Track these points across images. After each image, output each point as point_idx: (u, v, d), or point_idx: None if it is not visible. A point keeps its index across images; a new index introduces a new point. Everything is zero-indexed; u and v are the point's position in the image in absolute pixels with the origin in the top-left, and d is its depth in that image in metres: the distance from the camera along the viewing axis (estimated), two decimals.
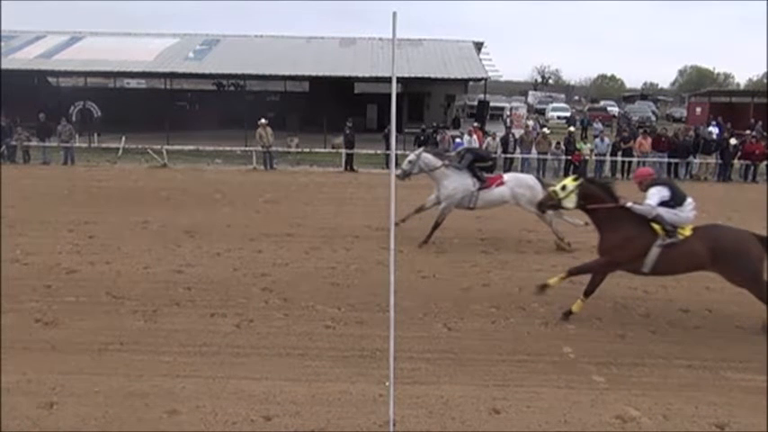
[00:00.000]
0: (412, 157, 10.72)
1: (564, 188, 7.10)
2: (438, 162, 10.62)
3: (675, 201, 6.83)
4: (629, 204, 6.91)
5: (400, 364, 5.60)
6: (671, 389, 5.58)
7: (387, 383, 4.75)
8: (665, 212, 6.76)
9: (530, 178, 11.12)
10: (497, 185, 10.60)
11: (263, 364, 5.90)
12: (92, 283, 8.21)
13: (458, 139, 11.78)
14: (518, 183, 10.66)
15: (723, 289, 8.42)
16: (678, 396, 5.45)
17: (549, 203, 7.35)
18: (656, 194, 6.80)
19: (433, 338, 6.60)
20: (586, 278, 7.43)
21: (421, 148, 10.98)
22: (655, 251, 6.72)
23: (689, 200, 6.89)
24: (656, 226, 6.79)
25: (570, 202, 7.08)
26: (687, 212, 6.82)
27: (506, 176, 10.97)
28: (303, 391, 5.38)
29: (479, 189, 10.49)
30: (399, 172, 10.65)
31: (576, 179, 7.20)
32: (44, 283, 8.12)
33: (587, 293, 7.15)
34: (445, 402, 5.25)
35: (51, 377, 5.55)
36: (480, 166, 10.76)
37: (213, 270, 8.90)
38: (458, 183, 10.47)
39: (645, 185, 7.07)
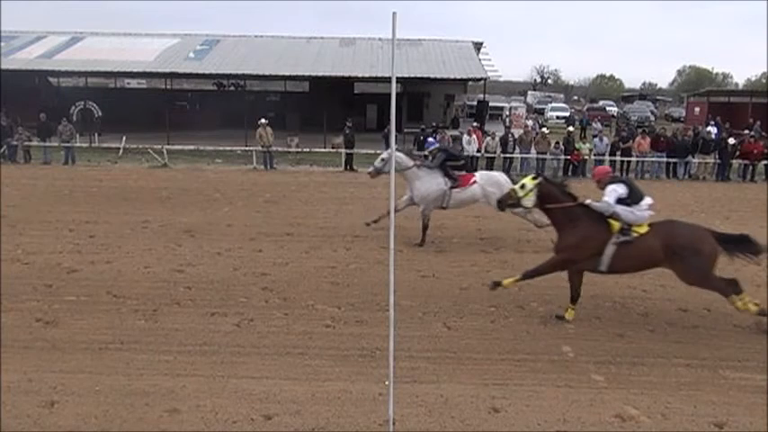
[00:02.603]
0: (384, 155, 10.67)
1: (523, 187, 7.15)
2: (410, 162, 10.59)
3: (632, 199, 6.89)
4: (587, 202, 6.98)
5: (400, 363, 5.62)
6: (670, 388, 5.60)
7: (386, 382, 4.77)
8: (622, 210, 6.83)
9: (501, 176, 11.02)
10: (469, 184, 10.60)
11: (263, 364, 5.92)
12: (92, 282, 8.23)
13: (429, 138, 11.73)
14: (489, 181, 10.64)
15: None
16: (677, 395, 5.47)
17: (509, 202, 7.36)
18: (614, 192, 6.86)
19: (433, 337, 6.62)
20: (584, 276, 7.43)
21: (393, 147, 10.96)
22: (610, 249, 6.78)
23: (647, 199, 6.95)
24: (612, 223, 6.86)
25: (529, 200, 7.13)
26: (643, 211, 6.88)
27: (478, 175, 10.95)
28: (303, 390, 5.40)
29: (451, 188, 10.49)
30: (371, 169, 10.69)
31: (534, 178, 7.24)
32: (45, 283, 8.14)
33: (573, 300, 7.19)
34: (445, 401, 5.27)
35: (52, 376, 5.57)
36: (452, 165, 10.73)
37: (213, 269, 8.92)
38: (430, 183, 10.45)
39: (603, 183, 7.14)
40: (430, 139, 11.66)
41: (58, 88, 32.84)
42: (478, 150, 20.55)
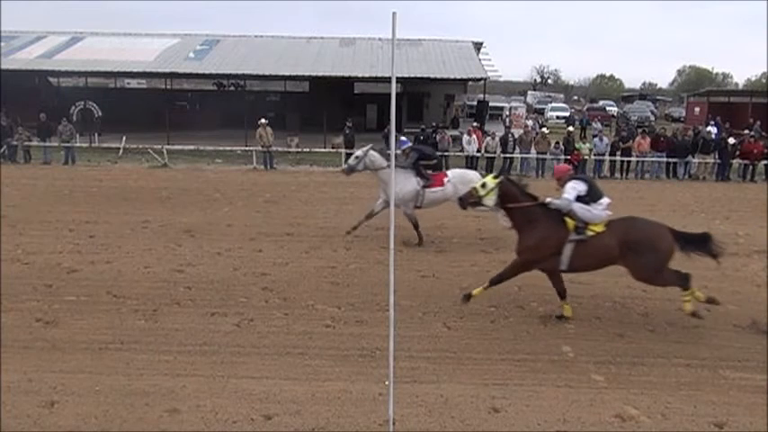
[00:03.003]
0: (359, 153, 10.63)
1: (484, 186, 7.16)
2: (384, 162, 10.51)
3: (591, 197, 6.92)
4: (548, 200, 7.01)
5: (400, 363, 5.62)
6: (670, 388, 5.60)
7: (386, 382, 4.77)
8: (578, 208, 6.86)
9: (473, 175, 10.95)
10: (442, 183, 10.57)
11: (263, 364, 5.92)
12: (92, 282, 8.23)
13: (402, 137, 11.69)
14: (461, 179, 10.57)
15: (721, 288, 8.46)
16: (677, 395, 5.47)
17: (470, 201, 7.36)
18: (573, 189, 6.90)
19: (433, 337, 6.61)
20: (584, 276, 7.44)
21: (369, 145, 10.97)
22: (568, 248, 6.81)
23: (605, 199, 6.98)
24: (568, 222, 6.89)
25: (490, 200, 7.14)
26: (599, 210, 6.90)
27: (450, 173, 10.92)
28: (303, 390, 5.40)
29: (424, 187, 10.47)
30: (345, 167, 10.66)
31: (496, 177, 7.26)
32: (45, 283, 8.14)
33: (561, 296, 7.21)
34: (445, 401, 5.27)
35: (52, 376, 5.57)
36: (425, 164, 10.70)
37: (213, 269, 8.92)
38: (404, 184, 10.40)
39: (563, 181, 7.17)
40: (402, 138, 11.62)
41: (57, 88, 32.83)
42: (478, 150, 20.55)
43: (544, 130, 22.78)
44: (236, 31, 40.64)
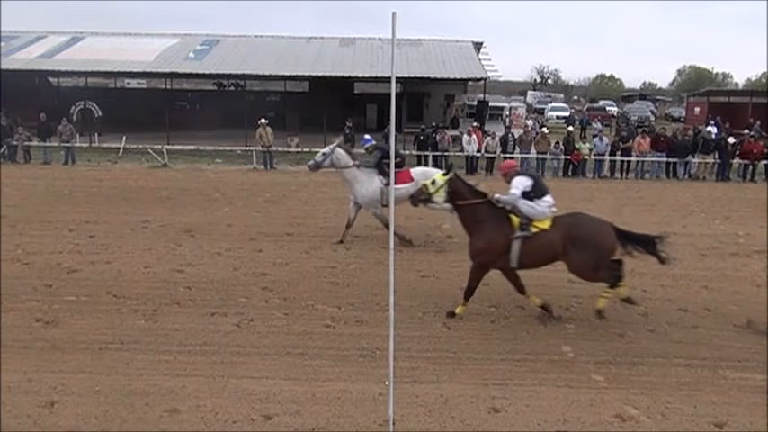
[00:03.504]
0: (326, 150, 10.64)
1: (434, 183, 7.19)
2: (350, 161, 10.52)
3: (535, 192, 6.96)
4: (496, 196, 7.04)
5: (400, 363, 5.62)
6: (670, 388, 5.60)
7: (386, 382, 4.77)
8: (522, 204, 6.91)
9: (438, 172, 10.95)
10: (406, 180, 10.48)
11: (263, 364, 5.92)
12: (92, 282, 8.23)
13: (366, 135, 11.69)
14: (425, 177, 10.54)
15: (721, 288, 8.48)
16: (677, 395, 5.47)
17: (421, 198, 7.37)
18: (520, 184, 6.95)
19: (433, 338, 6.61)
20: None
21: (335, 143, 10.97)
22: (516, 245, 6.84)
23: (549, 197, 7.01)
24: (513, 219, 6.93)
25: (440, 197, 7.17)
26: (543, 207, 6.94)
27: (414, 171, 10.86)
28: (303, 390, 5.40)
29: (387, 185, 10.40)
30: (311, 163, 10.68)
31: (445, 174, 7.27)
32: (45, 283, 8.14)
33: (521, 291, 7.28)
34: (445, 401, 5.27)
35: (52, 376, 5.57)
36: (389, 163, 10.66)
37: (213, 269, 8.92)
38: (369, 185, 10.39)
39: (509, 177, 7.20)
40: (366, 137, 11.63)
41: (57, 88, 32.83)
42: (478, 150, 20.55)
43: (544, 130, 22.77)
44: (236, 31, 40.70)
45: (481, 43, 31.10)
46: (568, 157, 20.37)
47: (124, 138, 23.44)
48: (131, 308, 7.31)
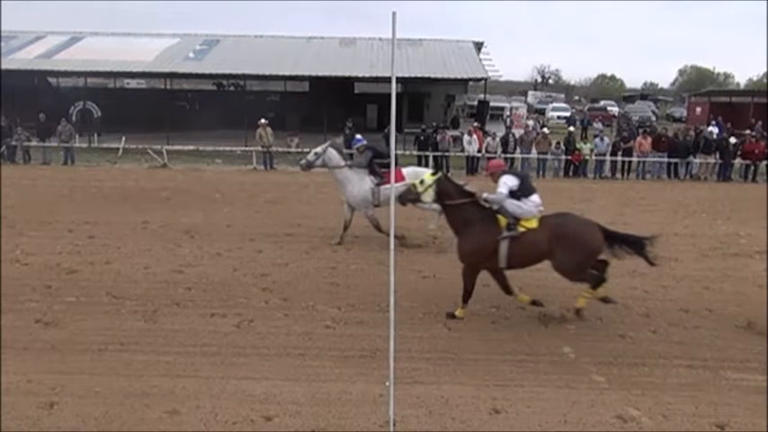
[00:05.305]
0: (318, 149, 10.64)
1: (422, 182, 7.19)
2: (341, 162, 10.51)
3: (522, 192, 6.95)
4: (485, 195, 7.03)
5: (400, 363, 5.60)
6: (671, 388, 5.58)
7: (387, 383, 4.75)
8: (509, 204, 6.90)
9: (427, 173, 10.93)
10: (397, 179, 10.49)
11: (263, 364, 5.90)
12: (92, 283, 8.21)
13: (357, 135, 11.72)
14: (416, 177, 10.51)
15: (723, 289, 8.46)
16: (678, 396, 5.45)
17: (409, 197, 7.37)
18: (506, 183, 6.94)
19: (434, 338, 6.60)
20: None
21: (328, 142, 10.97)
22: (503, 245, 6.83)
23: (535, 196, 7.00)
24: (500, 219, 6.93)
25: (428, 196, 7.18)
26: (529, 206, 6.93)
27: (405, 171, 10.78)
28: (303, 391, 5.38)
29: (378, 185, 10.42)
30: (303, 162, 10.68)
31: (433, 174, 7.28)
32: (44, 284, 8.12)
33: (508, 292, 7.31)
34: (445, 402, 5.25)
35: (51, 377, 5.55)
36: (379, 162, 10.61)
37: (213, 270, 8.90)
38: (360, 186, 10.38)
39: (496, 176, 7.20)
40: (358, 136, 11.64)
41: (57, 88, 32.81)
42: (479, 150, 20.53)
43: (545, 130, 22.73)
44: (236, 31, 40.59)
45: (482, 43, 31.08)
46: (569, 158, 20.36)
47: (123, 138, 23.42)
48: (131, 309, 7.29)
